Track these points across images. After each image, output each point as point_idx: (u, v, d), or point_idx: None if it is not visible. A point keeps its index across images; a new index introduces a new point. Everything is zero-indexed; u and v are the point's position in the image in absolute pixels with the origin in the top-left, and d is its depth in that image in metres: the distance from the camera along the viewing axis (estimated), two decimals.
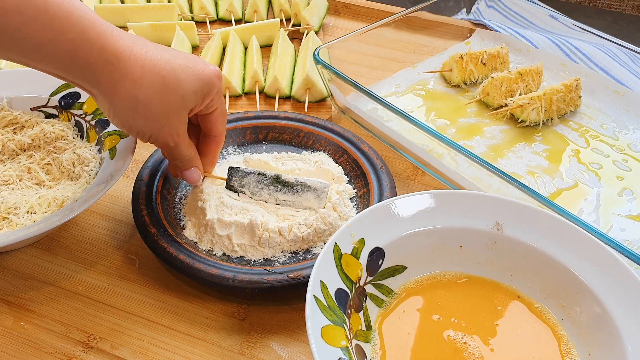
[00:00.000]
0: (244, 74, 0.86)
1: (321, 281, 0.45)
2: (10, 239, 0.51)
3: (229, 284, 0.53)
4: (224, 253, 0.57)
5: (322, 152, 0.69)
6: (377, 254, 0.50)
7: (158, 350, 0.52)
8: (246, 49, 0.92)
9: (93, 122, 0.66)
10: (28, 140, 0.64)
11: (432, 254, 0.52)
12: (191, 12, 1.02)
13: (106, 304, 0.55)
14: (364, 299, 0.48)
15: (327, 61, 0.77)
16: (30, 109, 0.68)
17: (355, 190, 0.64)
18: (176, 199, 0.63)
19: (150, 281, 0.57)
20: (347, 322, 0.45)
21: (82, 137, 0.66)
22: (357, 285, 0.48)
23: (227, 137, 0.69)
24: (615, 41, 0.86)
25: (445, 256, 0.52)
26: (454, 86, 0.85)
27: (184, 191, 0.64)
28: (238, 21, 1.00)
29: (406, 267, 0.52)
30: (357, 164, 0.66)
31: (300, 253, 0.58)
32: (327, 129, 0.70)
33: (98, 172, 0.61)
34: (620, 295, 0.46)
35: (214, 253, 0.57)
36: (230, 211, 0.58)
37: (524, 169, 0.71)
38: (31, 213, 0.57)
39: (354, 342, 0.45)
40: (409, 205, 0.52)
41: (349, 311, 0.46)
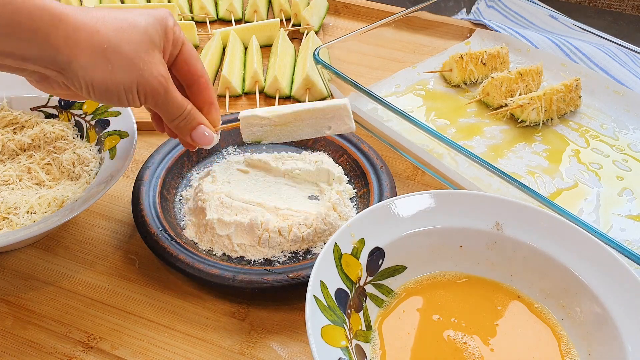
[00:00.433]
0: (244, 74, 0.86)
1: (321, 281, 0.45)
2: (10, 239, 0.51)
3: (229, 284, 0.53)
4: (224, 253, 0.57)
5: (322, 152, 0.69)
6: (377, 254, 0.50)
7: (158, 350, 0.52)
8: (246, 49, 0.92)
9: (93, 122, 0.66)
10: (28, 140, 0.64)
11: (432, 254, 0.52)
12: (191, 12, 1.02)
13: (106, 304, 0.55)
14: (364, 299, 0.48)
15: (327, 61, 0.77)
16: (30, 108, 0.68)
17: (355, 190, 0.64)
18: (176, 199, 0.64)
19: (150, 281, 0.57)
20: (347, 322, 0.45)
21: (82, 137, 0.66)
22: (357, 285, 0.48)
23: (227, 137, 0.69)
24: (615, 41, 0.86)
25: (445, 256, 0.52)
26: (454, 86, 0.85)
27: (184, 191, 0.64)
28: (238, 21, 1.00)
29: (406, 267, 0.52)
30: (357, 164, 0.66)
31: (300, 253, 0.58)
32: None
33: (98, 172, 0.61)
34: (620, 295, 0.46)
35: (214, 253, 0.57)
36: (230, 211, 0.58)
37: (524, 169, 0.71)
38: (31, 213, 0.57)
39: (354, 342, 0.45)
40: (409, 205, 0.52)
41: (349, 311, 0.46)
